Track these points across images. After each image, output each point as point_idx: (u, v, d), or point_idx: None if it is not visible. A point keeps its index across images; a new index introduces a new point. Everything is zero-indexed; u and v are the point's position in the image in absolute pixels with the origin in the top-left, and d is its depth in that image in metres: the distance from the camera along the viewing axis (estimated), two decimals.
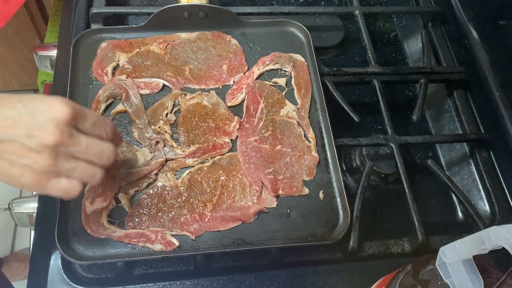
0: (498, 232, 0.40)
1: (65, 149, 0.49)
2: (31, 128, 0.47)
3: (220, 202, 0.67)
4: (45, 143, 0.48)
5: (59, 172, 0.50)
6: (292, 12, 0.88)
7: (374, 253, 0.69)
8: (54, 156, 0.49)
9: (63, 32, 0.86)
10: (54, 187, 0.50)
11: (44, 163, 0.48)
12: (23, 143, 0.47)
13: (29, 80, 1.79)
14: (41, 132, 0.47)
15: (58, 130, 0.48)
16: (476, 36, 0.85)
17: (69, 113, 0.49)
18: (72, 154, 0.50)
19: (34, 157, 0.48)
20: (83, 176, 0.52)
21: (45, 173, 0.49)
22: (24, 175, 0.49)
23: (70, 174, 0.51)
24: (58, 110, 0.48)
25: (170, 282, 0.64)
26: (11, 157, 0.48)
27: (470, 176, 0.81)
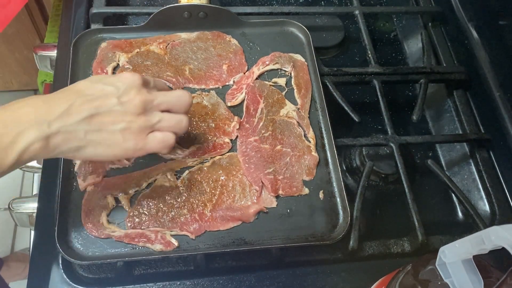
0: (498, 232, 0.40)
1: (150, 104, 0.56)
2: (118, 96, 0.54)
3: (220, 202, 0.67)
4: (135, 103, 0.54)
5: (152, 126, 0.56)
6: (292, 12, 0.88)
7: (374, 253, 0.69)
8: (145, 112, 0.55)
9: (63, 32, 0.86)
10: (153, 141, 0.56)
11: (139, 120, 0.55)
12: (117, 110, 0.54)
13: (29, 80, 1.79)
14: (128, 96, 0.54)
15: (139, 91, 0.55)
16: (476, 36, 0.85)
17: (139, 78, 0.56)
18: (157, 107, 0.57)
19: (129, 118, 0.54)
20: (172, 123, 0.57)
21: (142, 130, 0.55)
22: (126, 138, 0.54)
23: (161, 126, 0.57)
24: (130, 78, 0.56)
25: (170, 282, 0.64)
26: (110, 127, 0.53)
27: (470, 176, 0.81)
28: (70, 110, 0.52)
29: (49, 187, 0.68)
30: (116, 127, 0.54)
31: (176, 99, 0.59)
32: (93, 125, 0.53)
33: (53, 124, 0.50)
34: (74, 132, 0.52)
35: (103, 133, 0.53)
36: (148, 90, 0.57)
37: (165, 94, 0.58)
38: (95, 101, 0.53)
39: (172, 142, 0.58)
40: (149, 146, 0.56)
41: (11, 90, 1.88)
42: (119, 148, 0.55)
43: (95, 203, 0.64)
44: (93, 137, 0.53)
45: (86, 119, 0.52)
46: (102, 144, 0.54)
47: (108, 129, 0.54)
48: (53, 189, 0.66)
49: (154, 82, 0.60)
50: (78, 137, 0.52)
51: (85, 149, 0.53)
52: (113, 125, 0.54)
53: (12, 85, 1.83)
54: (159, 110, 0.57)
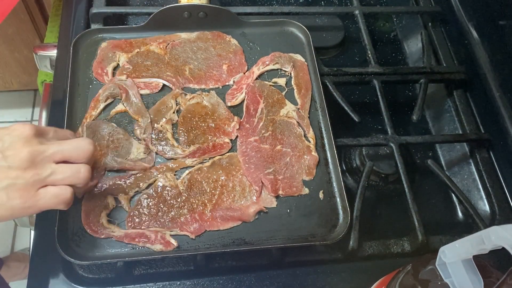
0: (498, 232, 0.40)
1: (40, 156, 0.50)
2: (2, 151, 0.49)
3: (220, 202, 0.67)
4: (21, 156, 0.49)
5: (43, 180, 0.51)
6: (292, 12, 0.88)
7: (374, 253, 0.69)
8: (34, 165, 0.50)
9: (63, 32, 0.86)
10: (45, 197, 0.51)
11: (26, 174, 0.49)
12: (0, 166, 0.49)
13: (29, 80, 1.79)
14: (14, 150, 0.49)
15: (27, 142, 0.50)
16: (476, 36, 0.85)
17: (31, 128, 0.51)
18: (50, 158, 0.51)
19: (14, 173, 0.49)
20: (68, 174, 0.52)
21: (30, 185, 0.50)
22: (10, 195, 0.49)
23: (55, 179, 0.51)
24: (19, 129, 0.51)
25: (170, 282, 0.64)
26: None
27: (470, 176, 0.81)
28: None
29: None
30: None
31: (73, 148, 0.53)
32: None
33: None
34: None
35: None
36: (40, 140, 0.52)
37: (60, 144, 0.53)
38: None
39: (68, 196, 0.52)
40: (40, 203, 0.51)
41: (11, 90, 1.88)
42: (4, 208, 0.49)
43: (95, 203, 0.64)
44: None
45: None
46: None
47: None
48: None
49: (55, 133, 0.55)
50: None
51: None
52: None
53: (12, 85, 1.83)
54: (53, 162, 0.52)
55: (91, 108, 0.72)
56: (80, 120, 0.71)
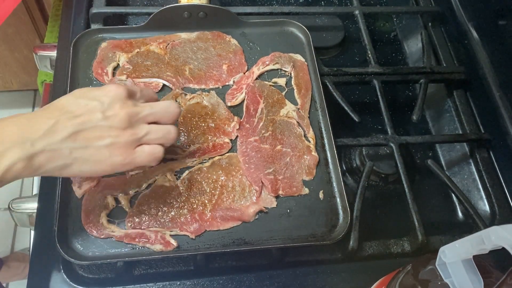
0: (498, 232, 0.40)
1: (136, 117, 0.55)
2: (103, 111, 0.53)
3: (220, 202, 0.67)
4: (120, 117, 0.53)
5: (139, 140, 0.55)
6: (292, 12, 0.88)
7: (374, 253, 0.69)
8: (131, 125, 0.54)
9: (63, 32, 0.86)
10: (141, 155, 0.55)
11: (126, 134, 0.54)
12: (102, 125, 0.53)
13: (29, 80, 1.79)
14: (113, 110, 0.53)
15: (124, 104, 0.54)
16: (476, 36, 0.85)
17: (124, 90, 0.55)
18: (144, 119, 0.56)
19: (115, 132, 0.53)
20: (160, 135, 0.57)
21: (129, 144, 0.54)
22: (112, 153, 0.53)
23: (149, 139, 0.56)
24: (115, 90, 0.55)
25: (170, 282, 0.64)
26: (96, 143, 0.52)
27: (470, 176, 0.81)
28: (54, 127, 0.51)
29: (49, 187, 0.68)
30: (102, 143, 0.53)
31: (164, 110, 0.58)
32: (78, 142, 0.52)
33: (37, 143, 0.49)
34: (59, 150, 0.51)
35: (89, 150, 0.52)
36: (133, 102, 0.56)
37: (151, 106, 0.57)
38: (79, 117, 0.52)
39: (161, 154, 0.57)
40: (137, 160, 0.55)
41: (11, 90, 1.88)
42: (106, 164, 0.54)
43: (95, 203, 0.64)
44: (78, 154, 0.52)
45: (71, 136, 0.51)
46: (88, 161, 0.53)
47: (94, 145, 0.52)
48: (53, 189, 0.66)
49: (141, 92, 0.59)
50: (63, 155, 0.51)
51: (71, 166, 0.52)
52: (99, 141, 0.53)
53: (12, 85, 1.83)
54: (146, 123, 0.56)
55: None
56: None
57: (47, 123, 0.51)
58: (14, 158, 0.48)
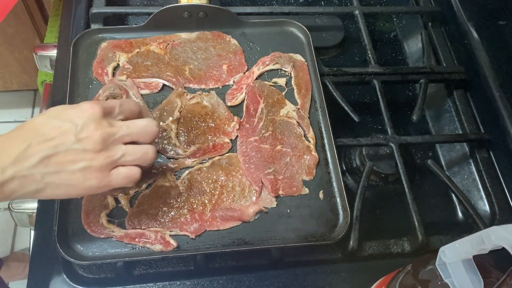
0: (498, 232, 0.40)
1: (111, 138, 0.53)
2: (76, 133, 0.51)
3: (220, 202, 0.67)
4: (94, 139, 0.52)
5: (115, 162, 0.54)
6: (292, 12, 0.88)
7: (374, 253, 0.69)
8: (106, 147, 0.53)
9: (63, 32, 0.86)
10: (116, 178, 0.54)
11: (100, 156, 0.52)
12: (75, 149, 0.51)
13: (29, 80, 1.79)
14: (86, 132, 0.52)
15: (99, 125, 0.52)
16: (476, 36, 0.85)
17: (99, 108, 0.53)
18: (120, 140, 0.54)
19: (89, 155, 0.52)
20: (137, 156, 0.55)
21: (104, 167, 0.53)
22: (87, 176, 0.52)
23: (125, 160, 0.54)
24: (89, 110, 0.53)
25: (170, 282, 0.64)
26: (69, 167, 0.51)
27: (470, 176, 0.81)
28: (26, 152, 0.49)
29: None
30: (75, 167, 0.51)
31: (141, 130, 0.56)
32: (51, 167, 0.50)
33: (7, 171, 0.48)
34: (30, 176, 0.49)
35: (62, 174, 0.51)
36: (109, 122, 0.54)
37: (128, 126, 0.55)
38: (51, 141, 0.50)
39: (137, 176, 0.55)
40: (113, 183, 0.54)
41: (11, 90, 1.88)
42: (80, 188, 0.53)
43: (95, 203, 0.64)
44: (51, 179, 0.51)
45: (42, 161, 0.50)
46: (61, 186, 0.52)
47: (67, 170, 0.51)
48: None
49: (121, 107, 0.57)
50: (34, 180, 0.50)
51: (44, 191, 0.51)
52: (72, 165, 0.51)
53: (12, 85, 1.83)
54: (123, 143, 0.55)
55: None
56: None
57: (18, 148, 0.49)
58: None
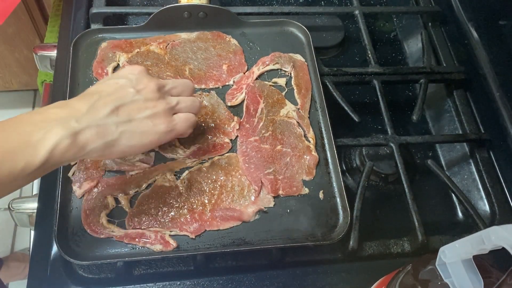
0: (498, 232, 0.40)
1: (163, 89, 0.59)
2: (133, 85, 0.56)
3: (219, 202, 0.67)
4: (151, 88, 0.57)
5: (173, 108, 0.59)
6: (292, 12, 0.88)
7: (374, 253, 0.69)
8: (163, 95, 0.58)
9: (63, 32, 0.86)
10: (179, 121, 0.59)
11: (161, 103, 0.57)
12: (138, 99, 0.55)
13: (29, 80, 1.79)
14: (142, 84, 0.56)
15: (150, 77, 0.58)
16: (476, 36, 0.85)
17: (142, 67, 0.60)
18: (169, 92, 0.60)
19: (151, 104, 0.56)
20: (188, 104, 0.61)
21: (167, 112, 0.57)
22: (155, 122, 0.56)
23: (181, 107, 0.60)
24: (136, 68, 0.59)
25: (170, 282, 0.64)
26: (138, 115, 0.55)
27: (470, 176, 0.81)
28: (96, 105, 0.52)
29: (49, 187, 0.68)
30: (143, 114, 0.55)
31: (183, 85, 0.62)
32: (121, 116, 0.53)
33: (82, 120, 0.50)
34: (105, 125, 0.52)
35: (134, 123, 0.54)
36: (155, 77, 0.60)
37: (172, 81, 0.62)
38: (115, 94, 0.54)
39: (195, 119, 0.61)
40: (178, 127, 0.59)
41: (11, 90, 1.88)
42: (152, 134, 0.56)
43: (95, 203, 0.64)
44: (124, 127, 0.53)
45: (113, 112, 0.53)
46: (135, 133, 0.54)
47: (137, 118, 0.55)
48: (53, 189, 0.66)
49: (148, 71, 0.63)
50: (110, 130, 0.52)
51: (119, 142, 0.53)
52: (139, 113, 0.55)
53: (12, 85, 1.83)
54: (171, 95, 0.60)
55: None
56: None
57: (86, 104, 0.52)
58: (60, 135, 0.48)
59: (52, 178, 0.67)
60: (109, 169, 0.67)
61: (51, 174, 0.68)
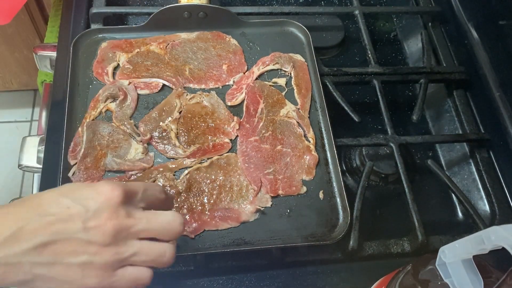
0: (498, 232, 0.40)
1: (125, 232, 0.44)
2: (85, 220, 0.43)
3: (218, 202, 0.67)
4: (104, 230, 0.43)
5: (123, 260, 0.45)
6: (292, 12, 0.88)
7: (374, 253, 0.69)
8: (116, 242, 0.44)
9: (63, 32, 0.86)
10: (122, 280, 0.45)
11: (107, 252, 0.43)
12: (79, 238, 0.42)
13: (29, 80, 1.79)
14: (97, 220, 0.43)
15: (114, 214, 0.43)
16: (476, 36, 0.85)
17: (120, 193, 0.44)
18: (135, 234, 0.45)
19: (93, 249, 0.43)
20: (150, 257, 0.46)
21: (109, 265, 0.44)
22: (86, 274, 0.43)
23: (136, 259, 0.45)
24: (107, 193, 0.44)
25: (170, 282, 0.64)
26: (67, 259, 0.43)
27: (470, 176, 0.81)
28: (21, 233, 0.41)
29: (49, 187, 0.68)
30: (75, 260, 0.43)
31: (163, 227, 0.47)
32: (45, 256, 0.42)
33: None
34: (18, 264, 0.41)
35: (56, 267, 0.42)
36: (127, 211, 0.45)
37: (149, 220, 0.46)
38: (53, 225, 0.42)
39: (147, 281, 0.46)
40: (116, 285, 0.45)
41: (11, 90, 1.88)
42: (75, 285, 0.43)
43: None
44: (41, 271, 0.42)
45: (36, 249, 0.41)
46: (54, 280, 0.43)
47: (64, 262, 0.42)
48: None
49: (144, 192, 0.47)
50: (21, 270, 0.42)
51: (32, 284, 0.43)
52: (71, 257, 0.42)
53: (12, 85, 1.83)
54: (137, 238, 0.45)
55: (91, 108, 0.72)
56: (80, 120, 0.71)
57: (11, 226, 0.41)
58: None
59: (52, 179, 0.67)
60: (109, 169, 0.67)
61: (51, 174, 0.69)
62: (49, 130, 0.73)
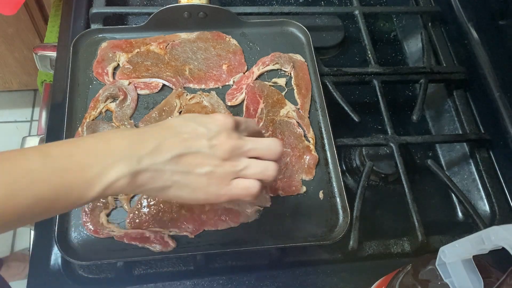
0: (498, 232, 0.40)
1: (238, 150, 0.53)
2: (209, 138, 0.52)
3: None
4: (224, 148, 0.52)
5: (237, 172, 0.53)
6: (292, 12, 0.88)
7: (374, 253, 0.69)
8: (231, 157, 0.53)
9: (63, 32, 0.86)
10: (236, 188, 0.53)
11: (225, 165, 0.52)
12: (205, 152, 0.51)
13: (29, 80, 1.79)
14: (218, 140, 0.52)
15: (230, 135, 0.53)
16: (476, 36, 0.85)
17: (232, 121, 0.54)
18: (245, 153, 0.54)
19: (215, 162, 0.52)
20: (258, 170, 0.54)
21: (226, 175, 0.52)
22: (210, 182, 0.52)
23: (247, 173, 0.54)
24: (223, 120, 0.54)
25: (170, 282, 0.64)
26: (197, 169, 0.51)
27: (470, 176, 0.81)
28: (161, 146, 0.50)
29: None
30: (202, 170, 0.51)
31: (266, 148, 0.56)
32: (181, 166, 0.51)
33: (143, 161, 0.48)
34: (162, 171, 0.50)
35: (189, 176, 0.51)
36: (238, 135, 0.54)
37: (255, 142, 0.55)
38: (186, 141, 0.51)
39: (256, 190, 0.54)
40: (231, 193, 0.53)
41: (11, 90, 1.88)
42: (202, 192, 0.52)
43: (95, 203, 0.64)
44: (178, 178, 0.51)
45: (174, 159, 0.50)
46: (186, 187, 0.52)
47: (195, 172, 0.51)
48: None
49: (246, 123, 0.57)
50: (164, 177, 0.50)
51: (169, 190, 0.51)
52: (199, 167, 0.51)
53: (12, 85, 1.83)
54: (247, 157, 0.54)
55: (91, 108, 0.72)
56: (80, 120, 0.71)
57: (154, 141, 0.50)
58: (120, 173, 0.47)
59: None
60: None
61: None
62: (49, 130, 0.73)
